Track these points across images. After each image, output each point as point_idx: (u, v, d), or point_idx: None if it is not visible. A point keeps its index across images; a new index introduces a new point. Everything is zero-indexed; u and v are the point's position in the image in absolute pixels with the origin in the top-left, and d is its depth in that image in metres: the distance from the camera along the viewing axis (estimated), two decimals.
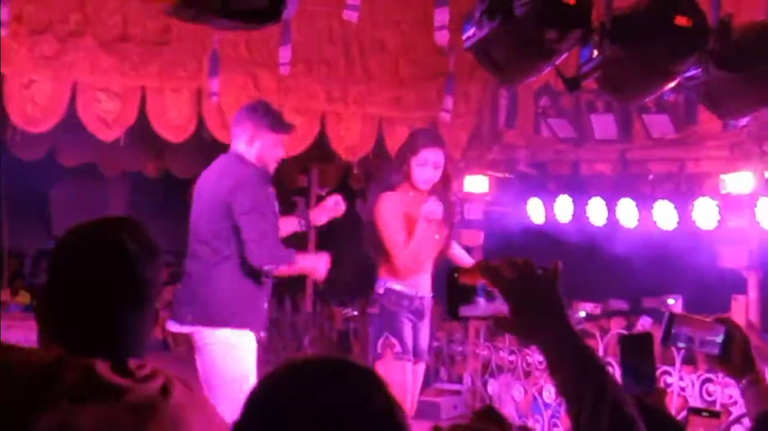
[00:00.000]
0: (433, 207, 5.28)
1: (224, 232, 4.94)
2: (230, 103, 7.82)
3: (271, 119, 5.07)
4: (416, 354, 5.42)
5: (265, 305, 5.12)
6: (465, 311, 1.62)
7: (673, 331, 2.17)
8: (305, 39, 8.01)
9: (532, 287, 1.59)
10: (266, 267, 4.93)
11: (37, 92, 7.22)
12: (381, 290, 5.39)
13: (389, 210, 5.36)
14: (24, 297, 11.13)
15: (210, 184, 5.08)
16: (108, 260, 1.93)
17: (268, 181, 5.08)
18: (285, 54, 7.27)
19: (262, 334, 5.13)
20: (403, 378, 5.26)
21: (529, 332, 1.62)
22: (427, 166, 5.34)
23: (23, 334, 10.02)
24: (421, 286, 5.43)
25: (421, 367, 5.56)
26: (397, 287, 5.36)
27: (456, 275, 1.61)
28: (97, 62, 7.32)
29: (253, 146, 5.00)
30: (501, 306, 1.60)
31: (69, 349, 1.84)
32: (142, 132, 7.79)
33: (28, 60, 7.11)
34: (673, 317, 2.18)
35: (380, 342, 5.30)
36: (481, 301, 1.60)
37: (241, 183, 4.93)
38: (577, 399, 1.56)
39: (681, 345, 2.22)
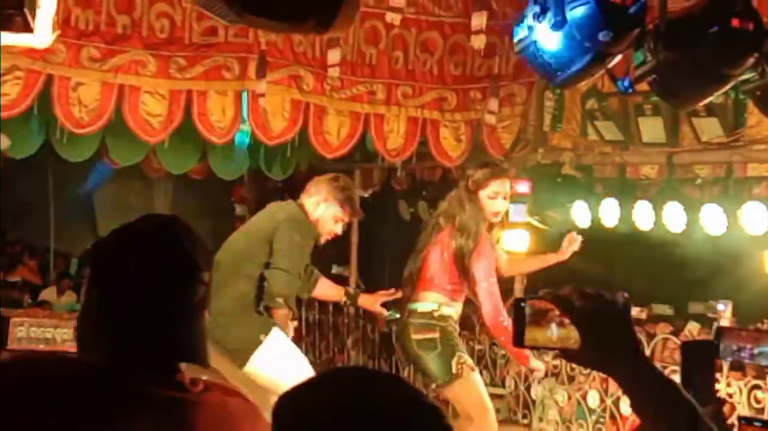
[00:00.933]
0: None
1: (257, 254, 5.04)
2: (275, 104, 7.86)
3: (346, 195, 5.19)
4: None
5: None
6: (531, 340, 1.57)
7: (722, 345, 2.13)
8: (350, 41, 8.03)
9: (604, 316, 1.55)
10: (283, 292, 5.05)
11: (84, 95, 7.30)
12: (437, 314, 5.41)
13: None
14: (70, 297, 11.23)
15: (266, 217, 5.18)
16: (174, 265, 1.85)
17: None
18: (333, 56, 7.29)
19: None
20: (481, 387, 5.41)
21: (602, 363, 1.59)
22: (496, 198, 5.39)
23: (68, 333, 10.14)
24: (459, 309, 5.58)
25: None
26: (450, 311, 5.43)
27: (523, 304, 1.57)
28: (144, 65, 7.38)
29: (317, 210, 5.12)
30: (569, 336, 1.55)
31: (118, 358, 1.78)
32: (186, 133, 7.84)
33: (76, 63, 7.19)
34: (721, 330, 2.15)
35: (454, 362, 5.32)
36: (551, 330, 1.56)
37: (294, 219, 5.04)
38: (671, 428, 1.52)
39: (730, 358, 2.18)
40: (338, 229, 5.26)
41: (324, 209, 5.14)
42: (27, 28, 3.14)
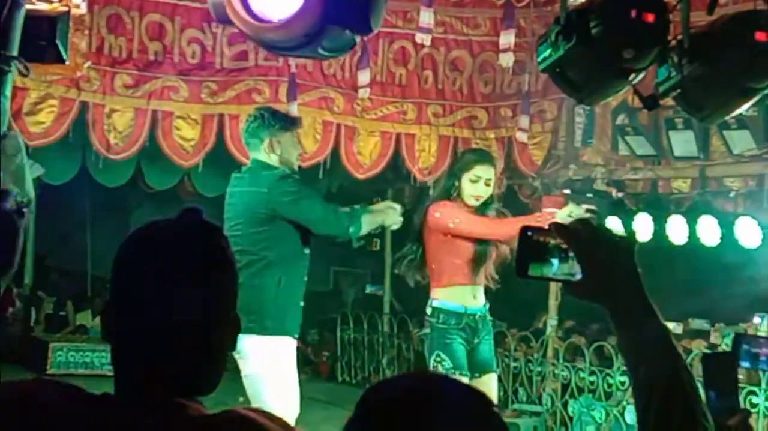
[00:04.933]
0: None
1: (266, 239, 4.98)
2: (307, 126, 7.92)
3: (281, 120, 5.07)
4: (476, 369, 5.44)
5: (302, 304, 5.08)
6: (534, 272, 1.56)
7: (741, 351, 2.13)
8: (380, 61, 8.09)
9: (607, 249, 1.54)
10: (352, 230, 4.93)
11: (118, 121, 7.42)
12: (429, 310, 5.44)
13: (453, 212, 5.40)
14: None
15: (244, 196, 5.09)
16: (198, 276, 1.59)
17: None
18: (363, 78, 7.36)
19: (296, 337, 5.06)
20: None
21: (600, 296, 1.55)
22: (478, 182, 5.42)
23: (106, 357, 10.25)
24: (469, 300, 5.45)
25: (488, 379, 5.53)
26: (444, 305, 5.41)
27: (529, 233, 1.56)
28: (176, 90, 7.49)
29: (274, 152, 4.97)
30: (573, 270, 1.55)
31: (123, 384, 1.60)
32: (219, 157, 7.93)
33: (109, 90, 7.31)
34: (739, 337, 2.16)
35: (432, 359, 5.36)
36: (554, 262, 1.55)
37: (274, 186, 4.94)
38: (647, 380, 1.50)
39: (746, 365, 2.18)
40: (299, 148, 5.27)
41: (280, 148, 4.98)
42: (59, 59, 3.21)
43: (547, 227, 1.57)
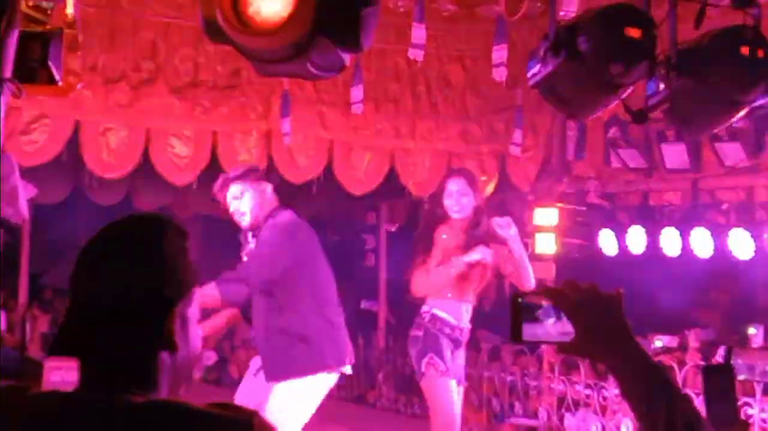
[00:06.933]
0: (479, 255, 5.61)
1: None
2: (299, 142, 7.94)
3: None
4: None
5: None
6: (529, 335, 1.62)
7: (732, 362, 2.16)
8: (372, 77, 8.11)
9: (597, 308, 1.61)
10: None
11: (112, 140, 7.43)
12: (427, 317, 5.61)
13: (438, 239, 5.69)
14: None
15: None
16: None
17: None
18: (356, 94, 7.38)
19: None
20: (449, 394, 5.52)
21: (597, 354, 1.64)
22: (451, 197, 5.60)
23: None
24: (462, 316, 5.67)
25: (461, 391, 5.75)
26: (441, 314, 5.62)
27: (519, 298, 1.62)
28: (170, 108, 7.50)
29: None
30: (565, 330, 1.61)
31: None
32: (213, 174, 7.93)
33: (103, 108, 7.32)
34: (731, 349, 2.19)
35: (424, 361, 5.53)
36: (547, 324, 1.61)
37: None
38: (651, 419, 1.57)
39: (741, 376, 2.23)
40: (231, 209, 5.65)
41: None
42: (52, 81, 3.23)
43: (536, 290, 1.63)
